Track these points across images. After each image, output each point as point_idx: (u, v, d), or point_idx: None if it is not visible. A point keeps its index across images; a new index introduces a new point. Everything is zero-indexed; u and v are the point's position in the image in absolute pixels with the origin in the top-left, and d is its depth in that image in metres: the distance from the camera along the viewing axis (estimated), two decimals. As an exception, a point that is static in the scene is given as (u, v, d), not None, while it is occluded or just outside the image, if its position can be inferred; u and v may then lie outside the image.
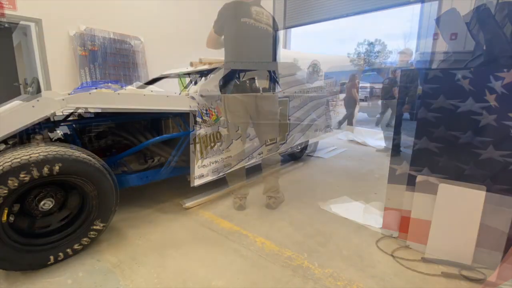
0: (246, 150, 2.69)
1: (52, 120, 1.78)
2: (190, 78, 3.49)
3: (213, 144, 2.36)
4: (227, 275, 1.49)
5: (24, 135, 1.64)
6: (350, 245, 1.79)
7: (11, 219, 1.42)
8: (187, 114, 2.23)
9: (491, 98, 1.45)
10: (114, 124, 2.37)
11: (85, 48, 5.27)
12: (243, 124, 2.35)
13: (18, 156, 1.32)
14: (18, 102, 1.49)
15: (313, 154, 4.07)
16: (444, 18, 2.06)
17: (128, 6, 5.89)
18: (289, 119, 3.28)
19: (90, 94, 1.66)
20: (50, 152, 1.39)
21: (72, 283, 1.42)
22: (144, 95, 1.92)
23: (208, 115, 2.27)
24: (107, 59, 5.55)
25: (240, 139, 2.54)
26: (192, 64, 3.23)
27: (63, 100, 1.54)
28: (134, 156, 2.38)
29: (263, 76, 2.25)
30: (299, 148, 3.70)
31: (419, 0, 5.97)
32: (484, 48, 1.74)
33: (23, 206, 1.48)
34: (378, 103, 4.23)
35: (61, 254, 1.54)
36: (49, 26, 4.89)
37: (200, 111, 2.19)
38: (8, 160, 1.30)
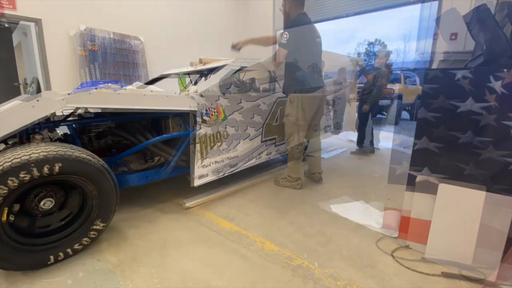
0: (248, 150, 2.71)
1: (52, 120, 1.78)
2: (189, 78, 3.49)
3: (212, 144, 2.37)
4: (227, 275, 1.49)
5: (24, 135, 1.64)
6: (350, 245, 1.79)
7: (11, 218, 1.42)
8: (187, 114, 2.23)
9: (491, 98, 1.45)
10: (114, 124, 2.37)
11: (85, 48, 5.26)
12: (305, 123, 2.63)
13: (18, 156, 1.32)
14: (18, 102, 1.49)
15: (313, 154, 4.05)
16: (444, 18, 2.05)
17: (128, 6, 5.89)
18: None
19: (90, 94, 1.66)
20: (50, 152, 1.39)
21: (72, 283, 1.42)
22: (144, 95, 1.92)
23: (208, 115, 2.27)
24: (107, 59, 5.54)
25: (248, 139, 2.63)
26: (192, 64, 3.23)
27: (63, 100, 1.55)
28: (134, 156, 2.38)
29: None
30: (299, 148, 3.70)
31: (419, 0, 5.98)
32: (484, 48, 1.74)
33: (23, 206, 1.48)
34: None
35: (61, 254, 1.54)
36: (49, 26, 4.89)
37: (200, 111, 2.19)
38: (8, 159, 1.30)
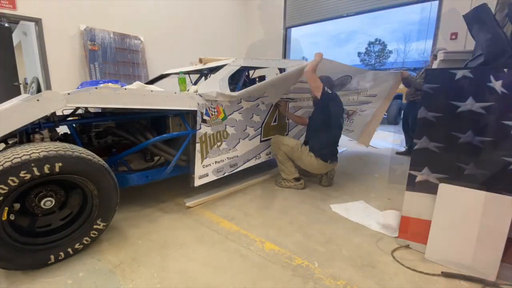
0: (248, 150, 2.71)
1: (52, 120, 1.78)
2: (189, 78, 3.49)
3: (213, 144, 2.37)
4: (227, 275, 1.49)
5: (24, 135, 1.64)
6: (350, 245, 1.79)
7: (12, 218, 1.42)
8: (187, 113, 2.23)
9: (491, 98, 1.45)
10: (114, 123, 2.37)
11: (85, 48, 5.26)
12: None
13: (18, 155, 1.32)
14: (18, 101, 1.49)
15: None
16: (474, 14, 1.87)
17: (128, 6, 5.89)
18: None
19: (90, 93, 1.66)
20: (51, 151, 1.39)
21: (72, 283, 1.42)
22: (144, 95, 1.92)
23: (208, 115, 2.27)
24: (107, 58, 5.54)
25: (247, 139, 2.62)
26: (192, 64, 3.24)
27: (63, 99, 1.54)
28: (135, 156, 2.38)
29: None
30: None
31: (419, 0, 5.97)
32: (484, 48, 1.74)
33: (23, 205, 1.48)
34: None
35: (61, 254, 1.54)
36: (49, 25, 4.89)
37: (199, 111, 2.19)
38: (9, 159, 1.30)
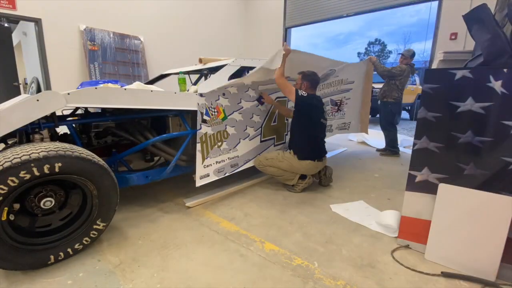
0: (249, 150, 2.72)
1: (52, 120, 1.78)
2: (189, 78, 3.50)
3: (213, 144, 2.36)
4: (227, 275, 1.49)
5: (24, 135, 1.64)
6: (350, 245, 1.79)
7: (11, 218, 1.42)
8: (187, 113, 2.23)
9: (490, 98, 1.45)
10: (114, 123, 2.37)
11: (84, 48, 5.27)
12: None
13: (18, 155, 1.31)
14: (18, 101, 1.49)
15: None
16: (474, 14, 1.85)
17: (128, 6, 5.89)
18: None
19: (90, 93, 1.66)
20: (50, 151, 1.39)
21: (72, 283, 1.42)
22: (144, 95, 1.92)
23: (208, 115, 2.27)
24: (106, 58, 5.55)
25: (247, 139, 2.63)
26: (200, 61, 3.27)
27: (63, 99, 1.54)
28: (135, 156, 2.38)
29: None
30: None
31: (419, 0, 5.98)
32: (484, 48, 1.74)
33: (23, 205, 1.48)
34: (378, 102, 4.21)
35: (61, 254, 1.54)
36: (49, 26, 4.89)
37: (199, 111, 2.19)
38: (9, 159, 1.30)
